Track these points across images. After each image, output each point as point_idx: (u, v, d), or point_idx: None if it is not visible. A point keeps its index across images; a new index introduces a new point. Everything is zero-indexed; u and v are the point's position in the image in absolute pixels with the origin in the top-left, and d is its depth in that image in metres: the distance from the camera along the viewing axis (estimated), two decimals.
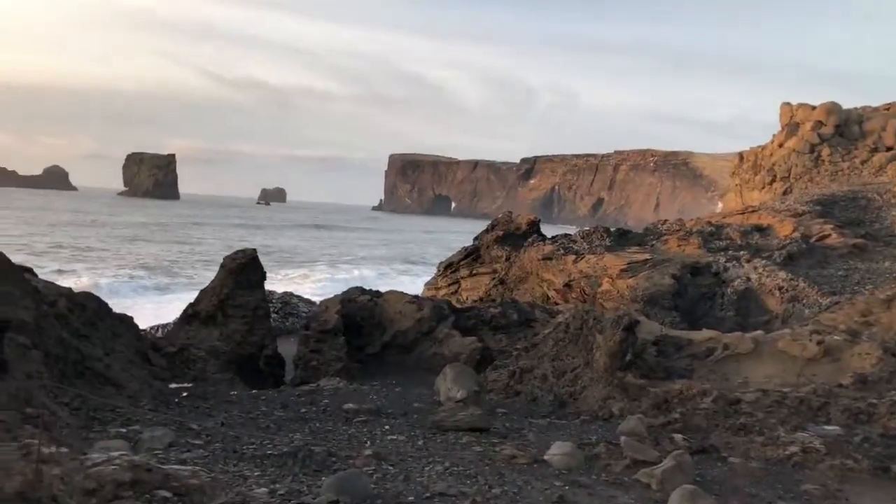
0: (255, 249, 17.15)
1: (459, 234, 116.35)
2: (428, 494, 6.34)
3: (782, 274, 22.58)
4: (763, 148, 49.84)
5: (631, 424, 9.20)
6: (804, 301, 20.91)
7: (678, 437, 8.56)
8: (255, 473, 6.68)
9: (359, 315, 14.78)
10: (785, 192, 38.01)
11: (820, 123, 38.63)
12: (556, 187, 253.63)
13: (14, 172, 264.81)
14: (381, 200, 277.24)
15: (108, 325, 12.75)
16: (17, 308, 9.60)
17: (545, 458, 7.71)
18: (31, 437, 7.23)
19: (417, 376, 13.83)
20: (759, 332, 12.86)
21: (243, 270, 16.67)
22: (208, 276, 46.38)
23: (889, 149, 36.81)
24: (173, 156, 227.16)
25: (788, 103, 41.62)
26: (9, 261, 10.61)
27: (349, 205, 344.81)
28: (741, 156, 53.96)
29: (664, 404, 10.72)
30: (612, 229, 28.96)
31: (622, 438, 8.09)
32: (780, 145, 40.55)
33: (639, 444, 7.97)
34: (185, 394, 11.50)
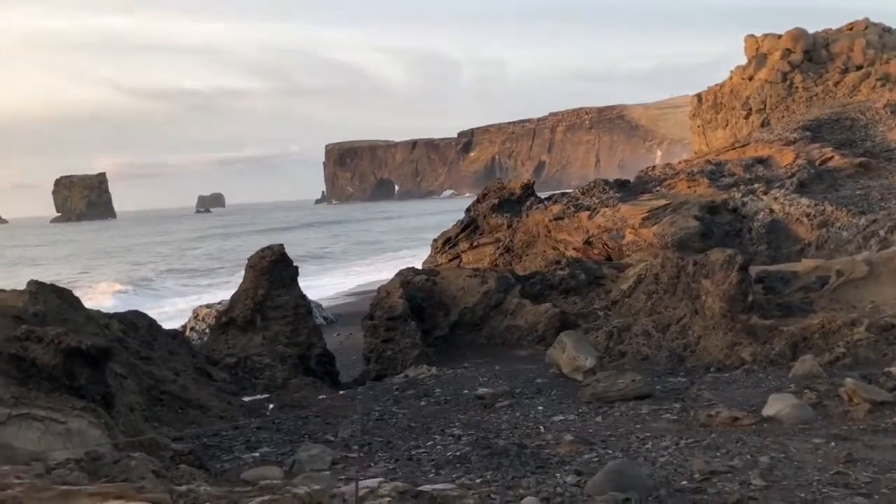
0: (282, 245, 15.87)
1: (408, 217, 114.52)
2: (698, 476, 5.35)
3: (804, 200, 22.09)
4: (721, 86, 49.60)
5: (807, 366, 8.35)
6: (837, 224, 20.44)
7: (895, 370, 7.72)
8: (477, 481, 5.61)
9: (418, 297, 13.66)
10: (763, 124, 37.73)
11: (788, 51, 38.43)
12: (497, 156, 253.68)
13: None
14: (323, 192, 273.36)
15: (162, 344, 11.42)
16: (92, 336, 8.26)
17: (769, 414, 6.80)
18: (188, 477, 6.03)
19: (499, 352, 12.80)
20: (866, 253, 12.16)
21: (275, 268, 15.38)
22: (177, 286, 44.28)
23: (859, 67, 36.82)
24: (104, 174, 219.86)
25: (753, 35, 41.33)
26: (64, 288, 9.28)
27: (292, 200, 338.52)
28: (699, 97, 53.72)
29: (803, 342, 9.91)
30: (610, 181, 28.26)
31: (847, 381, 7.21)
32: (750, 78, 40.30)
33: (867, 384, 7.12)
34: (271, 406, 10.31)
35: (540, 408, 8.24)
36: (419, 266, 32.76)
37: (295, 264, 15.86)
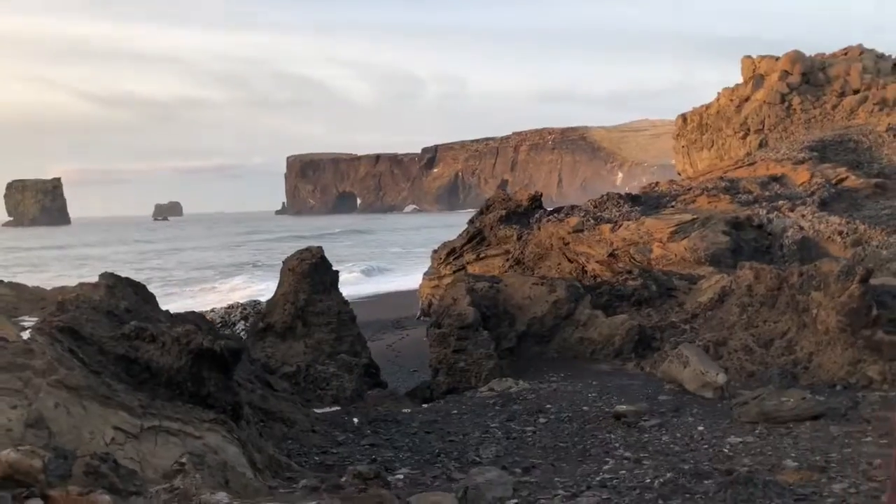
0: (321, 248, 14.84)
1: (376, 232, 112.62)
2: None
3: (835, 219, 21.70)
4: (707, 107, 49.77)
5: None
6: (874, 243, 20.02)
7: None
8: None
9: (482, 304, 12.70)
10: (760, 145, 37.68)
11: (786, 73, 38.55)
12: (460, 173, 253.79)
13: None
14: (283, 204, 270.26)
15: None
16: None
17: None
18: None
19: (575, 365, 11.91)
20: None
21: (315, 272, 14.34)
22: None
23: (856, 91, 37.06)
24: (59, 179, 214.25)
25: (749, 56, 41.42)
26: (139, 283, 8.17)
27: (251, 211, 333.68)
28: (684, 117, 53.86)
29: None
30: (622, 195, 27.70)
31: None
32: (746, 99, 40.32)
33: None
34: (355, 420, 9.24)
35: (700, 428, 7.33)
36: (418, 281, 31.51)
37: (335, 269, 14.86)
